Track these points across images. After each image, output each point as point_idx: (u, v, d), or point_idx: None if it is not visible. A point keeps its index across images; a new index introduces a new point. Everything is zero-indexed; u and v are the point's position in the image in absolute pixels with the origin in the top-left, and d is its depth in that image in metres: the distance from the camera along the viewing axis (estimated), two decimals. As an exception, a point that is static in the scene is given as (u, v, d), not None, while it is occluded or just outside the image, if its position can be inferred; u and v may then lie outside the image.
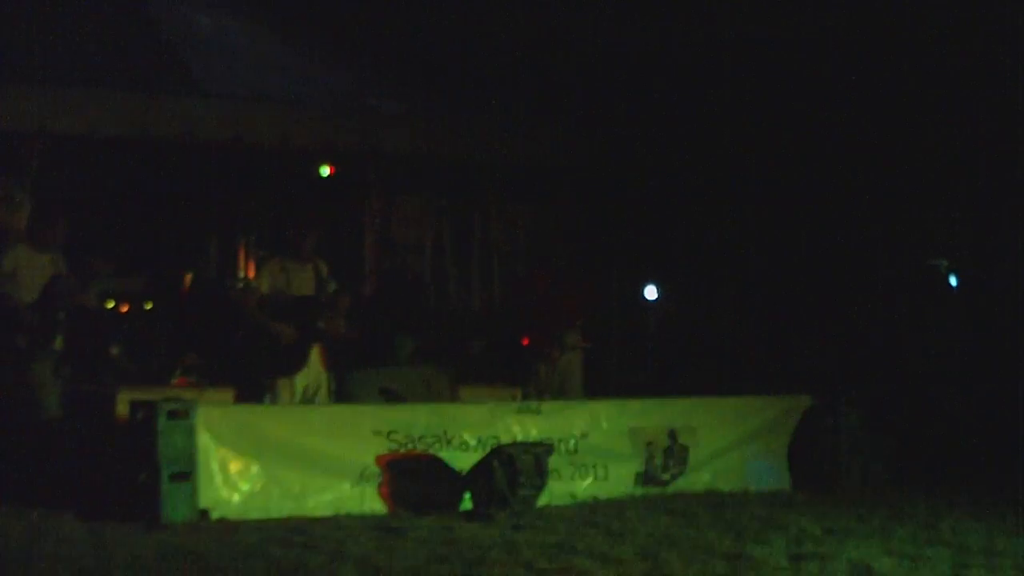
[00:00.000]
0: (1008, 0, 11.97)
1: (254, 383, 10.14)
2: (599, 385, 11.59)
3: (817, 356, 12.96)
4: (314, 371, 10.46)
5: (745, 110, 13.43)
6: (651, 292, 13.66)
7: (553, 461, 9.75)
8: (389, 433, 9.54)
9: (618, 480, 10.31)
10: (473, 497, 9.48)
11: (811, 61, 13.11)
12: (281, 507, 9.10)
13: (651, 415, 10.57)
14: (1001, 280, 12.78)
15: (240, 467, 9.07)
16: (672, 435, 10.52)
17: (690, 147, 13.66)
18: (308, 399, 10.34)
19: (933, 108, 12.88)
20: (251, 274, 13.81)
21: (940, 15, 12.54)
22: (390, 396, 10.75)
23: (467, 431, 9.80)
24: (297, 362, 10.33)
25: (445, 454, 9.67)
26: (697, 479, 10.57)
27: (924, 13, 12.59)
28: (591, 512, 9.57)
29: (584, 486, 10.17)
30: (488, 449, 9.62)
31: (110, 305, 11.23)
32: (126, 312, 11.61)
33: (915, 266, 13.61)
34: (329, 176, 13.45)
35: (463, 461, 9.63)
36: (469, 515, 9.31)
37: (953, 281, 13.26)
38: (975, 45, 12.52)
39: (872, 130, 13.19)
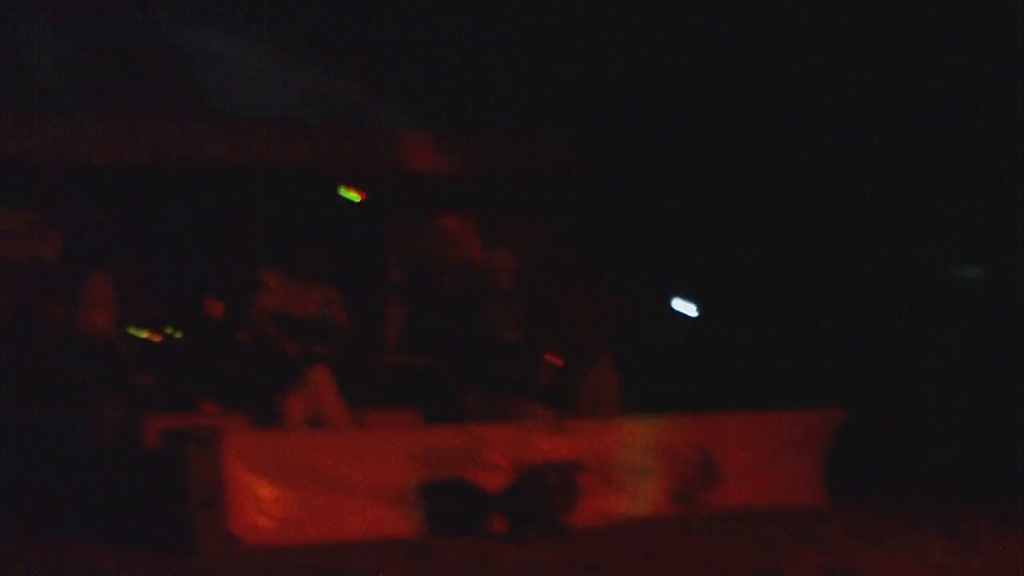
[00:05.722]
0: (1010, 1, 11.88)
1: (260, 404, 10.02)
2: (628, 402, 11.46)
3: (849, 368, 12.83)
4: (323, 394, 10.13)
5: (761, 120, 13.35)
6: (680, 306, 13.57)
7: (584, 480, 9.63)
8: (421, 456, 9.45)
9: (650, 498, 10.20)
10: (504, 518, 9.39)
11: (823, 69, 13.03)
12: (313, 532, 8.99)
13: (682, 431, 10.45)
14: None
15: (271, 493, 8.97)
16: (704, 451, 10.42)
17: (707, 158, 13.59)
18: (313, 424, 10.18)
19: (948, 114, 12.77)
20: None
21: (950, 15, 12.44)
22: None
23: (497, 452, 9.67)
24: (291, 381, 10.04)
25: (476, 475, 9.56)
26: (730, 495, 10.43)
27: (933, 14, 12.49)
28: (623, 531, 9.51)
29: (616, 505, 10.04)
30: (519, 470, 9.51)
31: (142, 334, 11.15)
32: (157, 341, 11.55)
33: (943, 274, 13.53)
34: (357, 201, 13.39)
35: (494, 482, 9.53)
36: (500, 537, 9.23)
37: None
38: (986, 45, 12.40)
39: (893, 141, 13.10)
